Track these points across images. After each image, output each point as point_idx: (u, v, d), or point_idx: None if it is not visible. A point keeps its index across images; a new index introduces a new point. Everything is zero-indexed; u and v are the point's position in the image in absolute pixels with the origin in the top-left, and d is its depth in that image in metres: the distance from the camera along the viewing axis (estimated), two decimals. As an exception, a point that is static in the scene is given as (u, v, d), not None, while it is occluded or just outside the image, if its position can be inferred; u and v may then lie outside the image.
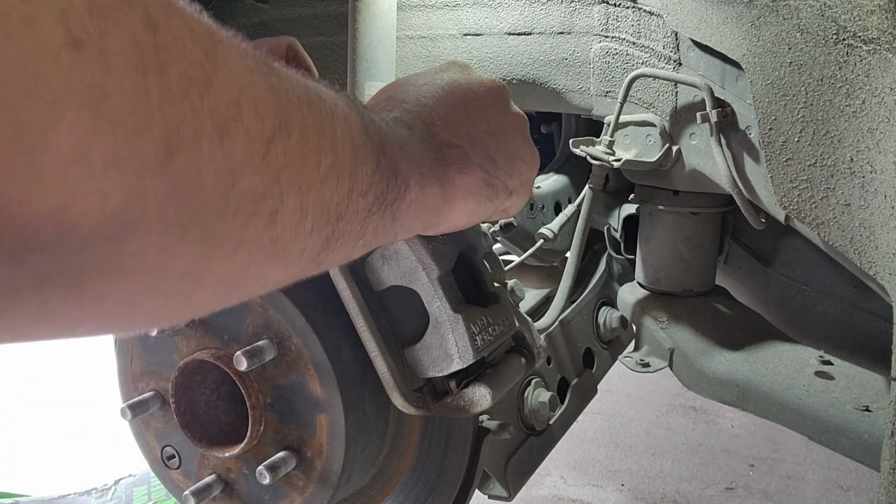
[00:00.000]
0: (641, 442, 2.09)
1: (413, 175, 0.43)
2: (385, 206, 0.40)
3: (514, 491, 0.82)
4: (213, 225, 0.27)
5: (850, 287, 0.98)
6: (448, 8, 1.02)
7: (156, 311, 0.28)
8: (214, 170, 0.26)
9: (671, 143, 0.91)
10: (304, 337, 0.59)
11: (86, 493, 1.50)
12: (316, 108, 0.33)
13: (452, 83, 0.53)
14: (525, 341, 0.64)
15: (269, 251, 0.31)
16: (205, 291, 0.29)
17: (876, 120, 0.68)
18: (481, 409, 0.58)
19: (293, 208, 0.31)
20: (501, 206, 0.54)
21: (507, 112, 0.55)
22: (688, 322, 0.98)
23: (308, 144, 0.32)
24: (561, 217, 1.00)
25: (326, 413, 0.59)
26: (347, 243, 0.38)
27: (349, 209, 0.37)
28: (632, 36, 0.91)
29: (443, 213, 0.48)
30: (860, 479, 1.87)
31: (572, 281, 0.98)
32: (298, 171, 0.31)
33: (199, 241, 0.27)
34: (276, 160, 0.29)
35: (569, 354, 1.00)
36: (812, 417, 0.85)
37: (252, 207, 0.28)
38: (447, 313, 0.56)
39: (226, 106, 0.26)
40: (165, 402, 0.65)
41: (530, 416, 0.86)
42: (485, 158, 0.50)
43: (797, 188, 0.76)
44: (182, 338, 0.64)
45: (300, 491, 0.61)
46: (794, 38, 0.73)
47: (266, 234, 0.30)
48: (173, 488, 0.67)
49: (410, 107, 0.49)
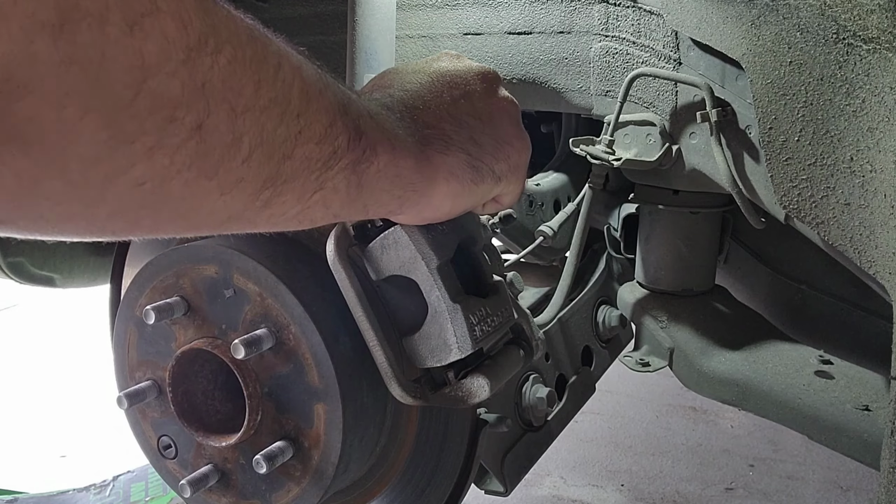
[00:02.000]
0: (641, 442, 2.09)
1: (381, 143, 0.43)
2: (347, 166, 0.41)
3: (510, 486, 0.81)
4: (120, 116, 0.28)
5: (850, 286, 0.98)
6: (448, 7, 1.03)
7: (65, 199, 0.29)
8: (121, 58, 0.27)
9: (671, 142, 0.91)
10: (303, 326, 0.59)
11: (84, 490, 1.49)
12: (259, 42, 0.34)
13: (440, 70, 0.53)
14: (524, 333, 0.64)
15: (194, 165, 0.31)
16: (119, 191, 0.30)
17: (876, 119, 0.68)
18: (479, 399, 0.58)
19: (224, 128, 0.32)
20: (490, 191, 0.54)
21: (494, 96, 0.55)
22: (688, 321, 0.98)
23: (243, 69, 0.33)
24: (561, 215, 1.00)
25: (324, 403, 0.59)
26: (297, 189, 0.38)
27: (297, 151, 0.37)
28: (632, 35, 0.91)
29: (421, 190, 0.48)
30: (860, 479, 1.87)
31: (571, 280, 0.98)
32: (230, 91, 0.32)
33: (103, 128, 0.27)
34: (200, 71, 0.30)
35: (567, 352, 1.00)
36: (812, 417, 0.85)
37: (170, 112, 0.29)
38: (446, 303, 0.55)
39: (139, 1, 0.27)
40: (162, 392, 0.65)
41: (528, 411, 0.86)
42: (468, 140, 0.50)
43: (797, 187, 0.76)
44: (179, 327, 0.63)
45: (297, 481, 0.61)
46: (794, 37, 0.73)
47: (189, 146, 0.31)
48: (169, 478, 0.67)
49: (394, 91, 0.50)
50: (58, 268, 1.45)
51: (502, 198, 0.58)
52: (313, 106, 0.38)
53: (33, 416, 2.49)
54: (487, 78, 0.55)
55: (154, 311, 0.60)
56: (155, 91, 0.28)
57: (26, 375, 2.82)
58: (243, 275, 0.60)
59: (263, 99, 0.34)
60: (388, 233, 0.56)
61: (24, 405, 2.58)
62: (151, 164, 0.30)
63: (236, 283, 0.60)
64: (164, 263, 0.63)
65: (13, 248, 1.37)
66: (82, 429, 2.38)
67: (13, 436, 2.35)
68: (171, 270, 0.63)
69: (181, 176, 0.31)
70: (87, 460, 2.12)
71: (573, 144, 0.95)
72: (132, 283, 0.65)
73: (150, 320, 0.60)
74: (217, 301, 0.61)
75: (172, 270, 0.63)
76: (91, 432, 2.33)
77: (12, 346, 3.14)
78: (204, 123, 0.31)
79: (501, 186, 0.55)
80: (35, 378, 2.80)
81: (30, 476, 1.98)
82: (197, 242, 0.63)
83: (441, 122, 0.49)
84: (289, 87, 0.36)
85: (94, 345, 2.64)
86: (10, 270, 1.40)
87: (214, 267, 0.61)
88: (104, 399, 2.29)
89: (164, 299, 0.62)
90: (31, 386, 2.74)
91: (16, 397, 2.65)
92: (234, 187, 0.34)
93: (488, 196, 0.55)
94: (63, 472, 2.02)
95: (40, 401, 2.62)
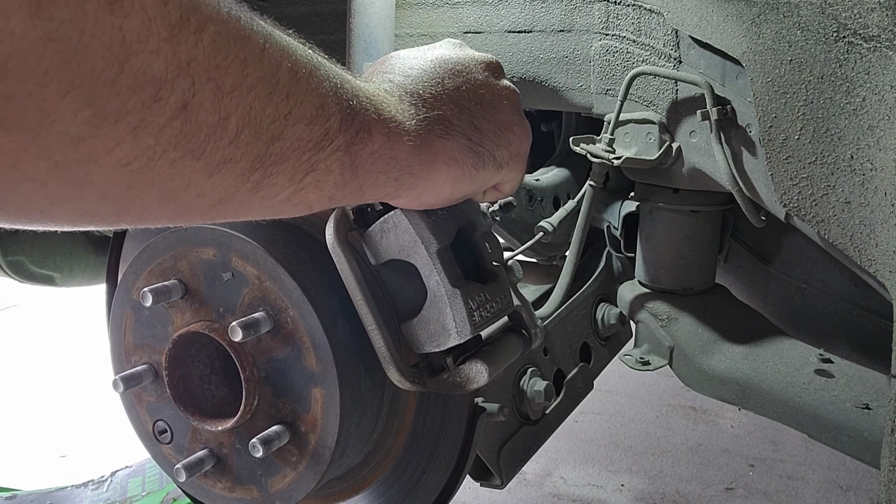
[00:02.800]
0: (641, 442, 2.08)
1: (376, 125, 0.43)
2: (339, 147, 0.41)
3: (506, 478, 0.80)
4: (102, 94, 0.27)
5: (851, 285, 0.98)
6: (448, 6, 1.04)
7: (50, 180, 0.28)
8: (101, 35, 0.27)
9: (671, 140, 0.92)
10: (301, 309, 0.58)
11: (82, 486, 1.49)
12: (243, 20, 0.34)
13: (441, 57, 0.53)
14: (523, 321, 0.64)
15: (180, 145, 0.31)
16: (105, 171, 0.29)
17: (876, 117, 0.69)
18: (478, 385, 0.57)
19: (210, 107, 0.32)
20: (491, 178, 0.54)
21: (496, 84, 0.55)
22: (688, 320, 0.98)
23: (228, 46, 0.32)
24: (561, 212, 1.00)
25: (321, 387, 0.59)
26: (288, 171, 0.38)
27: (287, 132, 0.37)
28: (632, 34, 0.92)
29: (419, 173, 0.48)
30: (860, 479, 1.86)
31: (571, 278, 0.98)
32: (216, 70, 0.32)
33: (85, 106, 0.27)
34: (184, 49, 0.30)
35: (565, 347, 1.00)
36: (812, 415, 0.84)
37: (153, 91, 0.29)
38: (445, 287, 0.55)
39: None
40: (158, 376, 0.65)
41: (526, 404, 0.86)
42: (469, 126, 0.51)
43: (797, 186, 0.76)
44: (176, 310, 0.63)
45: (293, 466, 0.60)
46: (795, 35, 0.73)
47: (174, 125, 0.30)
48: (165, 463, 0.66)
49: (394, 76, 0.50)
50: (58, 266, 1.45)
51: (502, 185, 0.58)
52: (303, 86, 0.38)
53: (33, 416, 2.49)
54: (489, 66, 0.55)
55: (151, 294, 0.60)
56: (138, 69, 0.28)
57: (26, 375, 2.82)
58: (242, 257, 0.60)
59: (251, 78, 0.34)
60: (387, 217, 0.56)
61: (24, 405, 2.58)
62: (136, 143, 0.30)
63: (235, 265, 0.60)
64: (161, 246, 0.63)
65: (13, 246, 1.37)
66: (82, 429, 2.37)
67: (13, 436, 2.34)
68: (168, 253, 0.63)
69: (167, 155, 0.31)
70: (87, 460, 2.11)
71: (573, 143, 0.95)
72: (129, 266, 0.65)
73: (147, 302, 0.60)
74: (215, 284, 0.61)
75: (170, 253, 0.63)
76: (91, 432, 2.32)
77: (12, 346, 3.14)
78: (189, 103, 0.31)
79: (503, 174, 0.55)
80: (35, 378, 2.80)
81: (30, 476, 1.97)
82: (196, 226, 0.63)
83: (442, 107, 0.49)
84: (276, 66, 0.36)
85: (94, 345, 2.63)
86: (10, 269, 1.40)
87: (213, 250, 0.61)
88: (104, 399, 2.29)
89: (161, 282, 0.62)
90: (31, 386, 2.73)
91: (16, 397, 2.64)
92: (223, 168, 0.34)
93: (489, 183, 0.55)
94: (63, 473, 2.00)
95: (40, 401, 2.61)
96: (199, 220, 0.37)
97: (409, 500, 0.67)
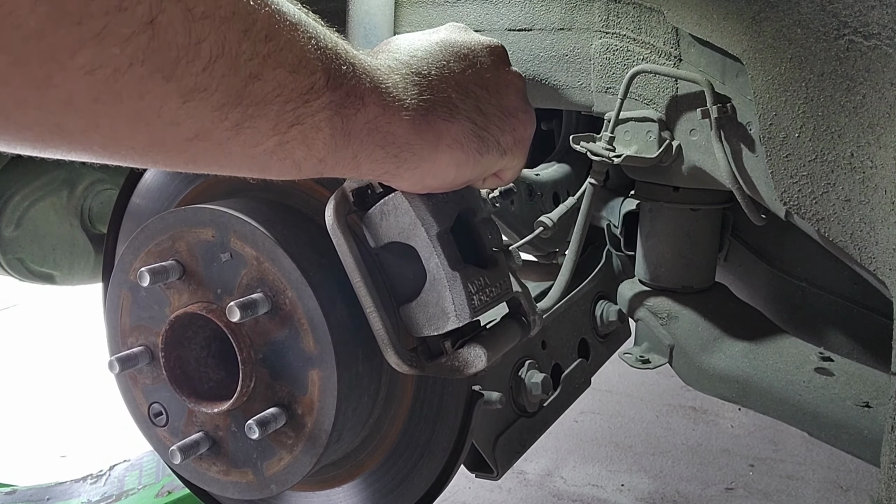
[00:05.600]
0: (641, 442, 2.08)
1: (371, 95, 0.43)
2: (328, 105, 0.40)
3: (501, 470, 0.80)
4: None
5: (850, 283, 0.98)
6: (448, 4, 1.04)
7: (12, 78, 0.28)
8: None
9: (671, 139, 0.92)
10: (299, 291, 0.58)
11: (80, 480, 1.48)
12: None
13: (448, 40, 0.53)
14: (521, 308, 0.64)
15: (148, 61, 0.31)
16: (67, 75, 0.29)
17: (876, 115, 0.69)
18: (476, 370, 0.57)
19: (179, 28, 0.32)
20: (494, 164, 0.54)
21: (502, 69, 0.55)
22: (688, 318, 0.98)
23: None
24: (561, 208, 1.00)
25: (319, 369, 0.58)
26: (272, 117, 0.38)
27: (268, 74, 0.37)
28: (632, 32, 0.92)
29: (421, 153, 0.47)
30: (860, 479, 1.86)
31: (570, 274, 0.98)
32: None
33: (42, 1, 0.27)
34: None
35: (563, 342, 0.99)
36: (812, 413, 0.84)
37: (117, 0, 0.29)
38: (445, 270, 0.55)
39: None
40: (155, 358, 0.64)
41: (523, 396, 0.85)
42: (474, 109, 0.50)
43: (797, 184, 0.76)
44: (174, 291, 0.63)
45: (289, 449, 0.60)
46: (795, 33, 0.74)
47: (141, 39, 0.31)
48: (160, 446, 0.66)
49: (400, 55, 0.50)
50: (58, 265, 1.45)
51: (504, 173, 0.58)
52: (284, 35, 0.38)
53: (33, 416, 2.48)
54: (495, 51, 0.56)
55: (149, 273, 0.60)
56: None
57: (26, 375, 2.81)
58: (241, 238, 0.60)
59: (224, 10, 0.34)
60: (387, 199, 0.56)
61: (24, 405, 2.57)
62: (101, 50, 0.30)
63: (233, 246, 0.60)
64: (159, 226, 0.63)
65: (13, 245, 1.37)
66: (82, 428, 2.36)
67: (13, 436, 2.33)
68: (166, 234, 0.63)
69: (134, 69, 0.31)
70: (88, 460, 2.10)
71: (574, 141, 0.95)
72: (127, 247, 0.65)
73: (144, 282, 0.60)
74: (213, 265, 0.61)
75: (168, 234, 0.63)
76: (91, 432, 2.31)
77: (12, 346, 3.13)
78: (156, 19, 0.31)
79: (506, 160, 0.55)
80: (35, 377, 2.79)
81: (30, 476, 1.96)
82: (194, 206, 0.63)
83: (447, 90, 0.49)
84: (254, 8, 0.36)
85: (94, 344, 2.62)
86: (9, 268, 1.40)
87: (211, 230, 0.61)
88: (104, 399, 2.28)
89: (159, 262, 0.62)
90: (31, 385, 2.73)
91: (16, 397, 2.63)
92: (197, 96, 0.34)
93: (492, 168, 0.55)
94: (63, 473, 1.99)
95: (40, 400, 2.60)
96: (176, 157, 0.37)
97: (405, 485, 0.66)
